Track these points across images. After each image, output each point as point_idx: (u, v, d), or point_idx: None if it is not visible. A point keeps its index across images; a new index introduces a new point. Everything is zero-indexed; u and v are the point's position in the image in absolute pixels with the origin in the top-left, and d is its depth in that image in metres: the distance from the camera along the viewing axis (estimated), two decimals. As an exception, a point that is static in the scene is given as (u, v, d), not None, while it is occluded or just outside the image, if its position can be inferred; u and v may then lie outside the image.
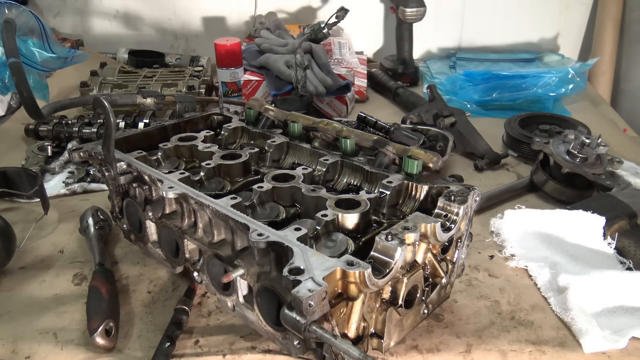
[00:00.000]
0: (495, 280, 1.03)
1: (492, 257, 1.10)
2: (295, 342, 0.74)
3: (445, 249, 0.88)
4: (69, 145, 1.49)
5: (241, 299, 0.84)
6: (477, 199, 0.86)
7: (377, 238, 0.73)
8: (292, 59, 1.58)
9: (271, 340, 0.82)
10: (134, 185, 0.98)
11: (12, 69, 1.23)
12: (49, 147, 1.52)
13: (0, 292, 1.02)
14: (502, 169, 1.46)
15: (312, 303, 0.62)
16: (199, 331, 0.91)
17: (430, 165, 0.94)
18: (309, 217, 0.86)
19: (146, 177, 0.94)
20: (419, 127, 1.39)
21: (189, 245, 0.91)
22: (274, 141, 1.09)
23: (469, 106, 1.79)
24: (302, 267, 0.66)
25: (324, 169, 1.00)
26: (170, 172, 0.96)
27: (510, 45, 2.32)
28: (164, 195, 0.88)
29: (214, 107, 1.70)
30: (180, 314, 0.91)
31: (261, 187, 0.92)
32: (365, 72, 1.97)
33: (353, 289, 0.70)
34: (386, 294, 0.79)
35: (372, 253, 0.73)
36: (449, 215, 0.82)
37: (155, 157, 1.06)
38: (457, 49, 2.34)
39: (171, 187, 0.87)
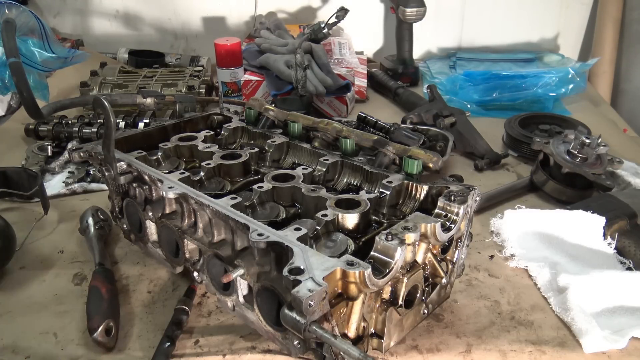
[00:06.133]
0: (495, 280, 1.03)
1: (492, 257, 1.10)
2: (295, 342, 0.74)
3: (445, 249, 0.88)
4: (69, 145, 1.49)
5: (241, 299, 0.84)
6: (477, 199, 0.86)
7: (377, 238, 0.73)
8: (292, 59, 1.58)
9: (271, 340, 0.82)
10: (134, 185, 0.98)
11: (12, 69, 1.23)
12: (49, 147, 1.52)
13: (0, 292, 1.02)
14: (502, 169, 1.46)
15: (312, 303, 0.62)
16: (199, 331, 0.91)
17: (430, 165, 0.94)
18: (309, 217, 0.86)
19: (146, 177, 0.94)
20: (419, 127, 1.39)
21: (189, 245, 0.91)
22: (274, 141, 1.09)
23: (469, 106, 1.79)
24: (302, 267, 0.66)
25: (324, 169, 1.00)
26: (170, 172, 0.96)
27: (510, 45, 2.32)
28: (164, 195, 0.88)
29: (214, 107, 1.70)
30: (180, 314, 0.91)
31: (261, 187, 0.92)
32: (365, 72, 1.97)
33: (353, 289, 0.70)
34: (386, 294, 0.79)
35: (372, 253, 0.73)
36: (449, 215, 0.82)
37: (155, 157, 1.06)
38: (457, 49, 2.34)
39: (171, 187, 0.87)
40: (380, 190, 0.91)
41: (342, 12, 1.57)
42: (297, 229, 0.76)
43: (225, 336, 0.89)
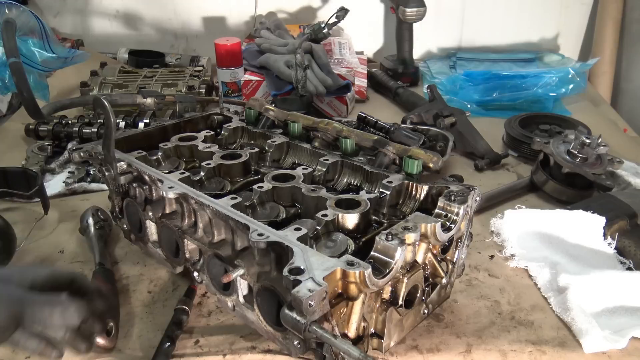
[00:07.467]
0: (495, 280, 1.03)
1: (492, 257, 1.10)
2: (295, 342, 0.74)
3: (445, 249, 0.88)
4: (69, 145, 1.49)
5: (241, 299, 0.84)
6: (477, 199, 0.86)
7: (377, 238, 0.73)
8: (292, 59, 1.58)
9: (271, 340, 0.82)
10: (134, 185, 0.98)
11: (12, 69, 1.23)
12: (49, 147, 1.52)
13: (0, 292, 1.02)
14: (502, 169, 1.46)
15: (312, 303, 0.62)
16: (199, 331, 0.91)
17: (431, 165, 0.94)
18: (309, 217, 0.86)
19: (146, 177, 0.94)
20: (419, 127, 1.39)
21: (189, 245, 0.91)
22: (274, 141, 1.09)
23: (469, 106, 1.78)
24: (302, 267, 0.66)
25: (324, 169, 1.00)
26: (170, 172, 0.96)
27: (510, 45, 2.31)
28: (164, 195, 0.88)
29: (214, 107, 1.70)
30: (180, 314, 0.91)
31: (261, 187, 0.92)
32: (365, 72, 1.97)
33: (353, 289, 0.70)
34: (386, 294, 0.79)
35: (372, 253, 0.73)
36: (449, 215, 0.82)
37: (155, 157, 1.06)
38: (457, 49, 2.34)
39: (171, 187, 0.87)
40: (380, 190, 0.91)
41: (342, 12, 1.57)
42: (297, 229, 0.76)
43: (225, 336, 0.89)
